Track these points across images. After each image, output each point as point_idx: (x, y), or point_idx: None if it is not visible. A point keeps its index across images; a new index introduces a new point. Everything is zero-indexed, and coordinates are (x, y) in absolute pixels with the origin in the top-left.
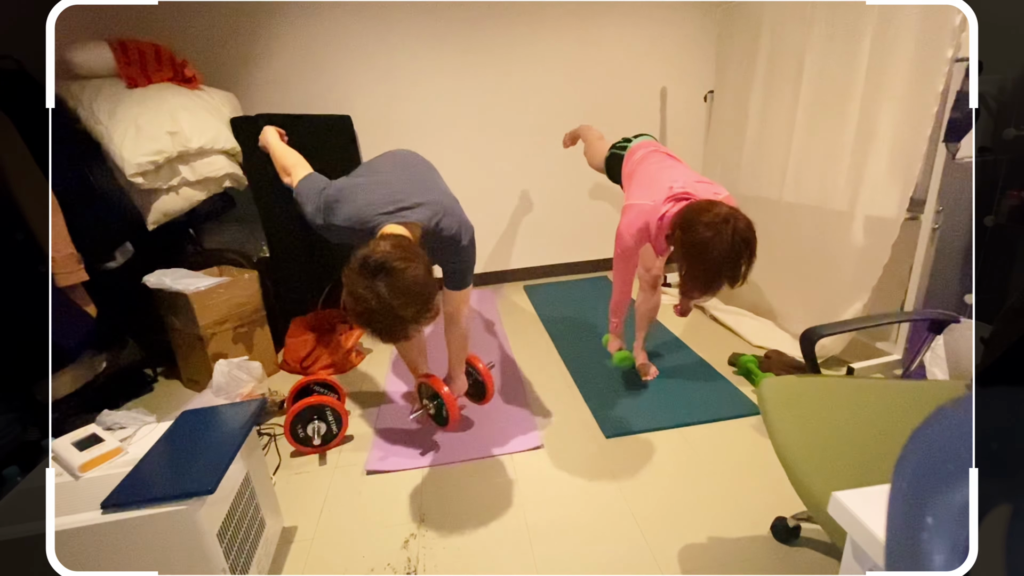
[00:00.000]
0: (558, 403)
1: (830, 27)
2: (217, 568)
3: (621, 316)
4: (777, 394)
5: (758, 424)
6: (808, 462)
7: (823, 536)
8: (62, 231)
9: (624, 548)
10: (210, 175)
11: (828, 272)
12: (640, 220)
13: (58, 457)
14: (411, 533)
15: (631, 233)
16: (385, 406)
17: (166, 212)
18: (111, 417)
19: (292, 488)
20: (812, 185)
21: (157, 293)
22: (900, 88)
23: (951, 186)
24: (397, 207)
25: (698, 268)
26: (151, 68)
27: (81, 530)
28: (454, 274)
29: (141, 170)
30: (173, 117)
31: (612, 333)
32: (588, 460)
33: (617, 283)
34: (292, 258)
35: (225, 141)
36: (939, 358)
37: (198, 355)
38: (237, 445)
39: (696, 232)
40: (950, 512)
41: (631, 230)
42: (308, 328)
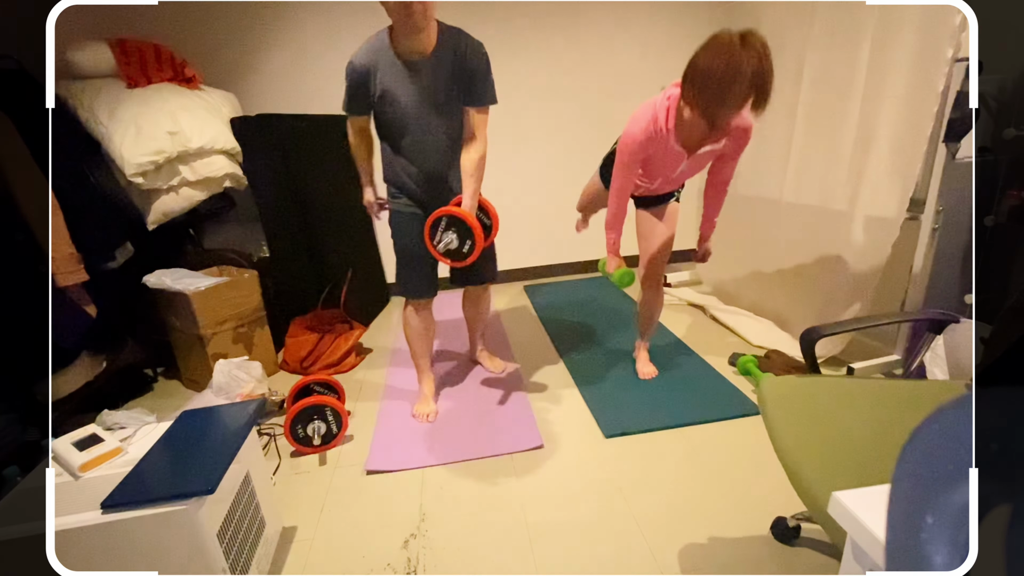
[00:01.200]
0: (558, 403)
1: (830, 27)
2: (217, 568)
3: (618, 231)
4: (777, 394)
5: (758, 424)
6: (808, 462)
7: (823, 536)
8: (62, 231)
9: (624, 548)
10: (210, 175)
11: (828, 272)
12: (647, 112)
13: (58, 457)
14: (411, 533)
15: (640, 128)
16: (385, 406)
17: (166, 212)
18: (111, 417)
19: (292, 488)
20: (812, 185)
21: (157, 293)
22: (900, 88)
23: (951, 186)
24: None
25: (711, 77)
26: (151, 68)
27: (81, 530)
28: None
29: (141, 170)
30: (173, 117)
31: (609, 251)
32: (588, 460)
33: (615, 195)
34: (292, 258)
35: (225, 141)
36: (939, 358)
37: (198, 355)
38: (237, 445)
39: (705, 48)
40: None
41: (639, 126)
42: (308, 328)
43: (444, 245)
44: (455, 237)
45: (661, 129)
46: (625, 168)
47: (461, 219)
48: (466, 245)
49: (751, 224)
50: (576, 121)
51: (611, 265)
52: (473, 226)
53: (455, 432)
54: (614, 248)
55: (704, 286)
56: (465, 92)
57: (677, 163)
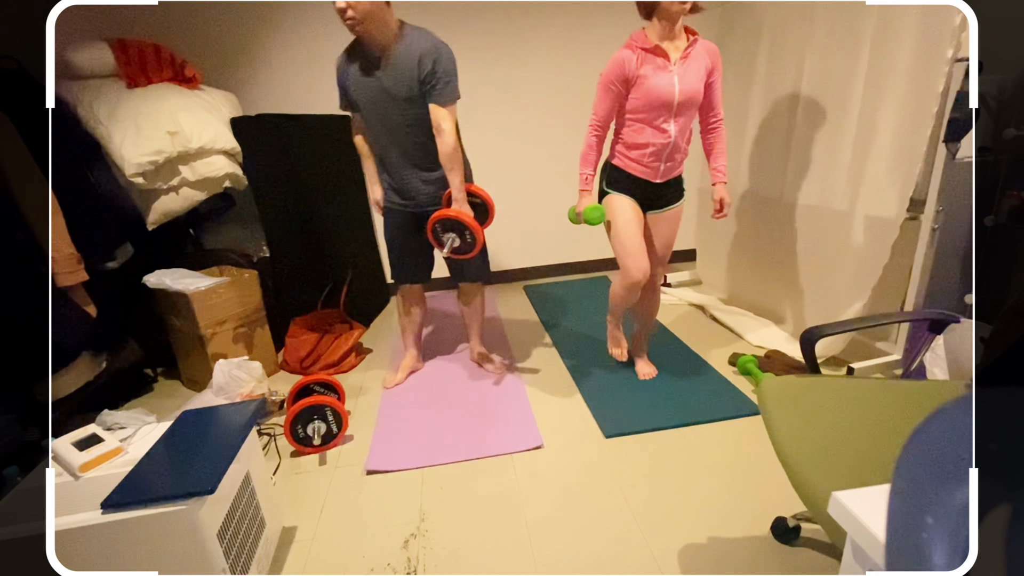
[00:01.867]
0: (558, 403)
1: (830, 27)
2: (217, 568)
3: (592, 166)
4: (777, 394)
5: (758, 424)
6: (808, 462)
7: (823, 536)
8: (62, 231)
9: (624, 548)
10: (210, 175)
11: (828, 272)
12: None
13: (58, 457)
14: (411, 533)
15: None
16: (385, 406)
17: (166, 212)
18: (111, 417)
19: (292, 488)
20: (812, 185)
21: (157, 293)
22: (900, 88)
23: (951, 186)
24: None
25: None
26: (151, 68)
27: (81, 530)
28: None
29: (141, 170)
30: (173, 117)
31: (582, 187)
32: (588, 460)
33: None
34: (292, 258)
35: (225, 141)
36: (939, 358)
37: (198, 355)
38: (237, 445)
39: None
40: (950, 512)
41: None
42: (308, 328)
43: (449, 247)
44: (455, 235)
45: (638, 49)
46: (604, 94)
47: (452, 218)
48: (467, 237)
49: (751, 224)
50: (577, 121)
51: (581, 204)
52: (463, 219)
53: (455, 432)
54: (587, 184)
55: (704, 286)
56: (428, 90)
57: (669, 81)
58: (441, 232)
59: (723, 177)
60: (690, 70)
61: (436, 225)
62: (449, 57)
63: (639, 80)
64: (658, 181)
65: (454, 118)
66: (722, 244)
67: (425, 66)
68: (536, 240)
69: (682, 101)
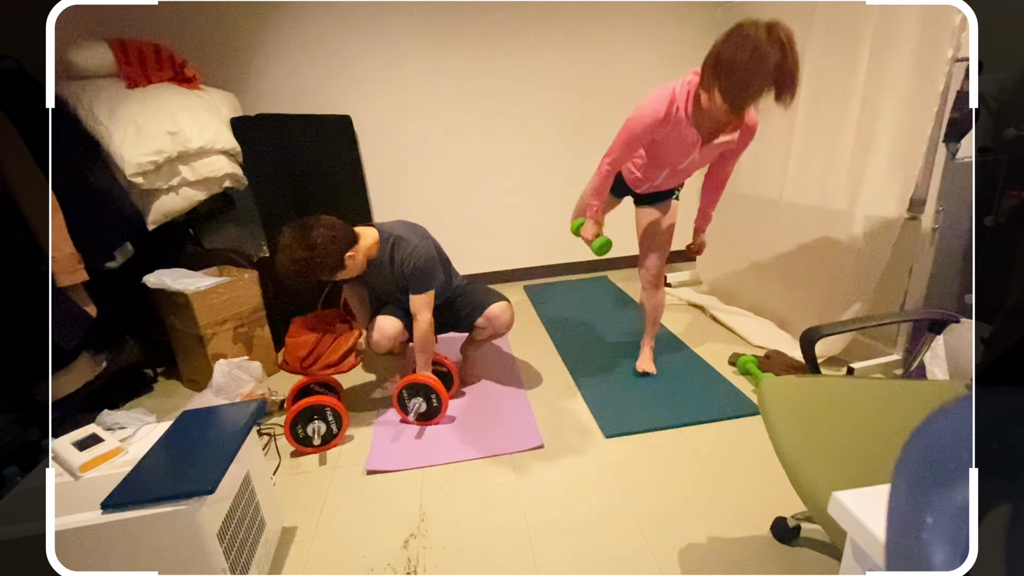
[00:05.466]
0: (558, 403)
1: (830, 27)
2: (217, 568)
3: (602, 201)
4: (777, 394)
5: (758, 424)
6: (808, 462)
7: (823, 536)
8: (62, 231)
9: (624, 548)
10: (210, 175)
11: (828, 272)
12: (666, 93)
13: (58, 457)
14: (411, 533)
15: (656, 107)
16: (385, 406)
17: (166, 212)
18: (111, 417)
19: (292, 488)
20: (812, 185)
21: (157, 293)
22: (900, 88)
23: (951, 186)
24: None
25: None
26: (151, 68)
27: (81, 530)
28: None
29: (141, 170)
30: (173, 117)
31: (590, 216)
32: (588, 460)
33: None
34: None
35: (225, 141)
36: (939, 358)
37: (198, 355)
38: (237, 445)
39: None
40: (950, 512)
41: (655, 105)
42: (308, 328)
43: (415, 412)
44: (421, 400)
45: (679, 110)
46: (626, 144)
47: (420, 382)
48: (434, 401)
49: (751, 224)
50: (577, 121)
51: (590, 232)
52: (430, 383)
53: (455, 432)
54: (596, 215)
55: (704, 286)
56: (406, 286)
57: (688, 152)
58: (407, 398)
59: (708, 223)
60: (714, 148)
61: (403, 391)
62: (420, 256)
63: (656, 140)
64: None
65: (430, 304)
66: (722, 244)
67: (402, 271)
68: (536, 240)
69: (686, 168)
